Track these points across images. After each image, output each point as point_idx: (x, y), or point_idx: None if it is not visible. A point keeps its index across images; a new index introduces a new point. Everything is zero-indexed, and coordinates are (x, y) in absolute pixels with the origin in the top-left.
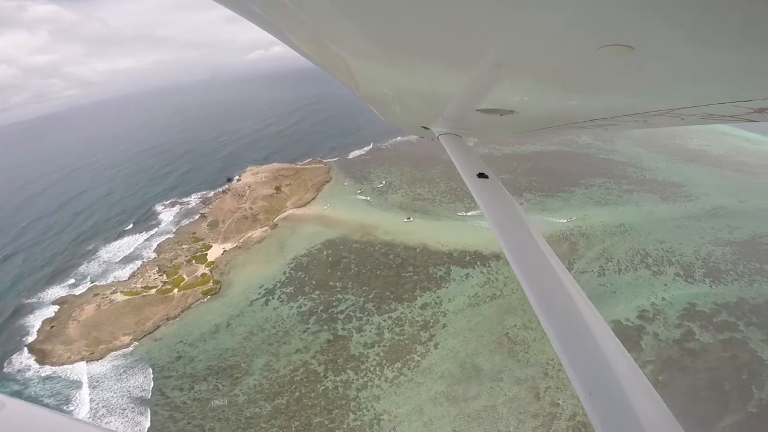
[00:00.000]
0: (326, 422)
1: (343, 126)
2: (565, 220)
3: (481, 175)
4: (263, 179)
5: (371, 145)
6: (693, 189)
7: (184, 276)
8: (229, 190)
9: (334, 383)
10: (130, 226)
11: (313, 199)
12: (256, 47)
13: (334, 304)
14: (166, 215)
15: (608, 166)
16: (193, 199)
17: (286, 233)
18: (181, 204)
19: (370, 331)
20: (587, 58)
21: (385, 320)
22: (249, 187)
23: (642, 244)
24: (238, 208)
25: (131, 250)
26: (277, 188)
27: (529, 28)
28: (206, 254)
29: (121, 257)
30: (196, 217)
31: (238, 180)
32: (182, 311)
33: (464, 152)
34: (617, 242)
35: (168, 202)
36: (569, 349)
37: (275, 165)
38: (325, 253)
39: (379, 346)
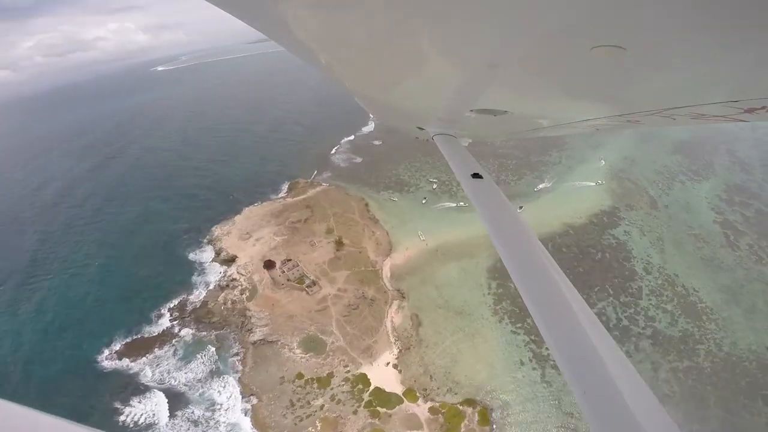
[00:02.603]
0: None
1: (262, 134)
2: (603, 162)
3: (476, 176)
4: (277, 239)
5: (347, 145)
6: None
7: None
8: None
9: None
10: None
11: (387, 233)
12: None
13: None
14: (163, 373)
15: None
16: (176, 325)
17: (432, 295)
18: (165, 340)
19: None
20: (579, 58)
21: None
22: (294, 262)
23: (652, 165)
24: (319, 300)
25: None
26: (338, 242)
27: (522, 29)
28: (379, 389)
29: None
30: (236, 349)
31: (220, 255)
32: None
33: (459, 153)
34: (643, 169)
35: (120, 346)
36: (564, 348)
37: (256, 210)
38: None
39: None
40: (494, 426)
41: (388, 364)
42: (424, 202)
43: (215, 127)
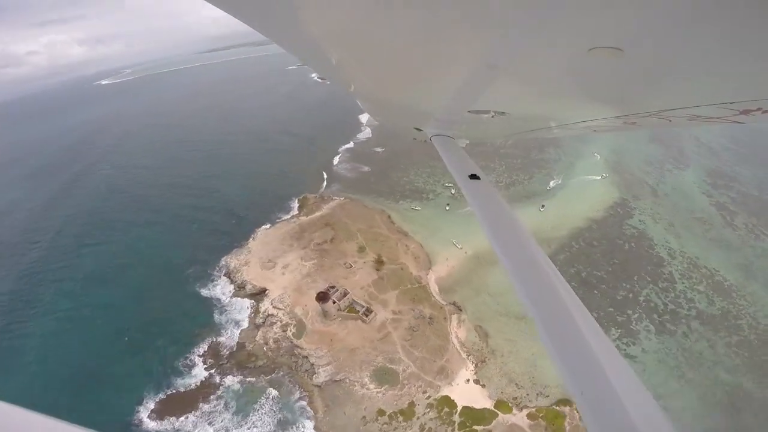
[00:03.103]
0: None
1: (247, 145)
2: (598, 156)
3: (473, 177)
4: (307, 264)
5: (348, 153)
6: None
7: None
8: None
9: None
10: None
11: (421, 245)
12: None
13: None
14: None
15: None
16: (214, 374)
17: (489, 303)
18: (209, 392)
19: None
20: (577, 60)
21: None
22: (343, 290)
23: (638, 155)
24: (378, 328)
25: None
26: (378, 261)
27: (520, 30)
28: (467, 407)
29: None
30: (298, 393)
31: (244, 288)
32: None
33: (456, 153)
34: (633, 161)
35: (155, 404)
36: (561, 349)
37: (270, 232)
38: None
39: None
40: None
41: (468, 381)
42: (447, 208)
43: (189, 140)
